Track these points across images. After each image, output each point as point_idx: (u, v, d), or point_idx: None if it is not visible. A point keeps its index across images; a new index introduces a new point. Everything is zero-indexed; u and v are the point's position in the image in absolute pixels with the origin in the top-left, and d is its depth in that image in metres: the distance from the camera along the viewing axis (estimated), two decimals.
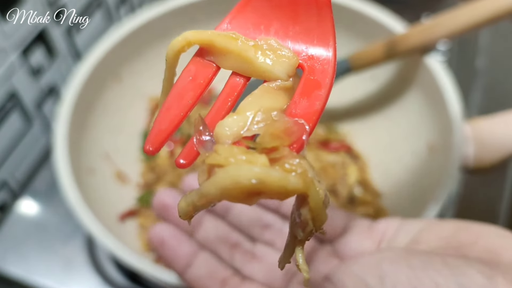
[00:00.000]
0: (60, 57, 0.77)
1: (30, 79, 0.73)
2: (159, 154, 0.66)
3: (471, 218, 0.67)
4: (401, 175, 0.62)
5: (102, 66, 0.62)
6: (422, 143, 0.60)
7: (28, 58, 0.71)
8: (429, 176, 0.57)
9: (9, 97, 0.69)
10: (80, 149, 0.59)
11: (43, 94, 0.76)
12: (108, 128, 0.65)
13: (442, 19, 0.54)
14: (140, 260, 0.47)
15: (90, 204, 0.53)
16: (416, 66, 0.60)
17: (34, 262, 0.65)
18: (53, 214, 0.70)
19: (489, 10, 0.51)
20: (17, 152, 0.75)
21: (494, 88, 0.82)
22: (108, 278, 0.63)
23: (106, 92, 0.65)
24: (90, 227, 0.49)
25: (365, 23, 0.64)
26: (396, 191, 0.62)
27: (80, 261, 0.65)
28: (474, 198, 0.70)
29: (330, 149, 0.65)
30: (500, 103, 0.80)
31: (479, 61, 0.86)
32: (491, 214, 0.68)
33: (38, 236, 0.68)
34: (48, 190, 0.72)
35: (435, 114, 0.58)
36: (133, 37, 0.65)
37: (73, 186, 0.52)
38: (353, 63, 0.59)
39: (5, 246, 0.67)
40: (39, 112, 0.77)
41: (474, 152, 0.53)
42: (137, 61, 0.68)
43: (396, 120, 0.65)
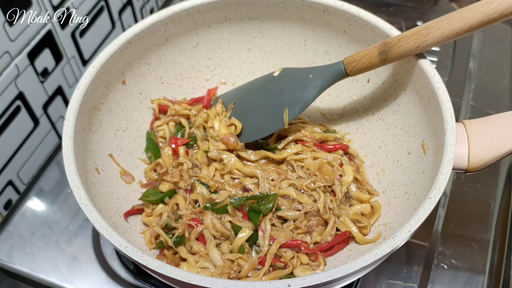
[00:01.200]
0: (65, 59, 0.78)
1: (35, 80, 0.74)
2: (162, 154, 0.67)
3: (464, 217, 0.69)
4: (395, 174, 0.63)
5: (107, 70, 0.63)
6: (416, 144, 0.61)
7: (34, 60, 0.72)
8: (423, 175, 0.57)
9: (15, 98, 0.70)
10: (86, 149, 0.60)
11: (49, 96, 0.77)
12: (113, 129, 0.67)
13: (435, 23, 0.55)
14: (144, 256, 0.47)
15: (96, 202, 0.54)
16: (410, 69, 0.61)
17: (40, 259, 0.66)
18: (58, 212, 0.71)
19: (481, 14, 0.52)
20: (24, 151, 0.76)
21: (487, 89, 0.83)
22: (114, 274, 0.65)
23: (111, 95, 0.66)
24: (97, 224, 0.50)
25: (360, 26, 0.65)
26: (391, 190, 0.63)
27: (86, 258, 0.66)
28: (467, 197, 0.71)
29: (327, 149, 0.67)
30: (492, 105, 0.82)
31: (472, 63, 0.87)
32: (484, 213, 0.70)
33: (44, 233, 0.69)
34: (53, 188, 0.73)
35: (428, 115, 0.59)
36: (137, 41, 0.66)
37: (80, 184, 0.52)
38: (348, 67, 0.60)
39: (11, 243, 0.68)
40: (45, 113, 0.78)
41: (467, 152, 0.54)
42: (141, 64, 0.69)
43: (391, 121, 0.67)
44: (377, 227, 0.61)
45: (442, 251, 0.66)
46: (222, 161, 0.65)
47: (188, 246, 0.59)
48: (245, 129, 0.67)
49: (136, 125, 0.70)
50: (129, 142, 0.69)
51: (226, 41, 0.74)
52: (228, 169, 0.64)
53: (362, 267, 0.46)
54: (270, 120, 0.65)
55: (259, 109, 0.67)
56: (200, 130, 0.69)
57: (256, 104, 0.68)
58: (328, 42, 0.71)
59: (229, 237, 0.59)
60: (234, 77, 0.77)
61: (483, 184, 0.72)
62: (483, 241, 0.67)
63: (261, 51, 0.75)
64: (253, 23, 0.73)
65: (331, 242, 0.59)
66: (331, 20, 0.68)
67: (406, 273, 0.65)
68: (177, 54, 0.72)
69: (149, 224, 0.62)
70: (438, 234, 0.68)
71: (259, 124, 0.66)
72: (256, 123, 0.67)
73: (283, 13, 0.70)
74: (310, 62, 0.74)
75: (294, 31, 0.72)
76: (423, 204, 0.49)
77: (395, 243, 0.47)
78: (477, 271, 0.64)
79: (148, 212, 0.63)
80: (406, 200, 0.59)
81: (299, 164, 0.65)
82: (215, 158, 0.65)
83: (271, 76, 0.67)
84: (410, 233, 0.48)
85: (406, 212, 0.57)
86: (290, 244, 0.58)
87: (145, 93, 0.71)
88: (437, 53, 0.87)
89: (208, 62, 0.75)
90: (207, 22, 0.71)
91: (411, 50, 0.56)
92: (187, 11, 0.68)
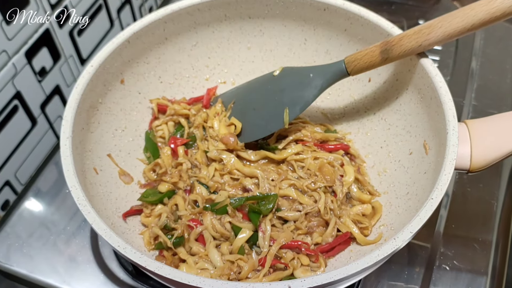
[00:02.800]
0: (63, 58, 0.78)
1: (33, 80, 0.73)
2: (162, 154, 0.67)
3: (466, 218, 0.69)
4: (397, 175, 0.63)
5: (106, 69, 0.63)
6: (418, 144, 0.61)
7: (31, 60, 0.72)
8: (424, 176, 0.57)
9: (13, 98, 0.70)
10: (85, 149, 0.60)
11: (47, 95, 0.77)
12: (111, 128, 0.66)
13: (437, 22, 0.54)
14: (143, 257, 0.47)
15: (94, 202, 0.53)
16: (411, 68, 0.61)
17: (38, 261, 0.66)
18: (56, 213, 0.70)
19: (483, 12, 0.52)
20: (21, 151, 0.76)
21: (489, 89, 0.83)
22: (112, 276, 0.64)
23: (110, 94, 0.66)
24: (95, 225, 0.50)
25: (361, 25, 0.65)
26: (393, 191, 0.62)
27: (84, 259, 0.66)
28: (469, 198, 0.71)
29: (328, 149, 0.66)
30: (495, 104, 0.81)
31: (474, 62, 0.87)
32: (487, 213, 0.69)
33: (41, 234, 0.68)
34: (51, 189, 0.73)
35: (430, 115, 0.59)
36: (135, 40, 0.65)
37: (78, 185, 0.52)
38: (349, 66, 0.60)
39: (9, 244, 0.67)
40: (42, 112, 0.77)
41: (469, 153, 0.53)
42: (140, 63, 0.69)
43: (392, 121, 0.66)
44: (378, 228, 0.60)
45: (444, 252, 0.66)
46: (221, 161, 0.64)
47: (188, 247, 0.59)
48: (245, 129, 0.67)
49: (135, 124, 0.70)
50: (128, 142, 0.68)
51: (225, 40, 0.74)
52: (227, 170, 0.63)
53: (363, 268, 0.45)
54: (270, 120, 0.65)
55: (259, 109, 0.67)
56: (200, 130, 0.68)
57: (256, 103, 0.67)
58: (329, 41, 0.71)
59: (229, 237, 0.58)
60: (234, 76, 0.76)
61: (485, 184, 0.72)
62: (486, 242, 0.67)
63: (261, 50, 0.75)
64: (253, 22, 0.72)
65: (332, 243, 0.59)
66: (332, 19, 0.68)
67: (408, 274, 0.64)
68: (176, 53, 0.72)
69: (148, 225, 0.61)
70: (440, 235, 0.68)
71: (259, 124, 0.66)
72: (256, 122, 0.66)
73: (284, 11, 0.70)
74: (311, 61, 0.73)
75: (295, 30, 0.72)
76: (425, 205, 0.49)
77: (396, 244, 0.47)
78: (480, 273, 0.64)
79: (147, 212, 0.62)
80: (407, 200, 0.58)
81: (299, 164, 0.64)
82: (215, 158, 0.65)
83: (271, 76, 0.67)
84: (411, 234, 0.47)
85: (407, 212, 0.56)
86: (290, 245, 0.57)
87: (144, 92, 0.71)
88: (439, 52, 0.87)
89: (208, 61, 0.75)
90: (207, 20, 0.71)
91: (413, 49, 0.56)
92: (187, 9, 0.67)
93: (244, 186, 0.62)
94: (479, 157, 0.53)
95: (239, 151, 0.65)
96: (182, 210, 0.61)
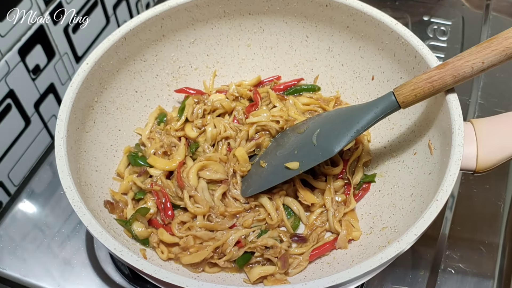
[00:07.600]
0: (57, 55, 0.77)
1: (27, 78, 0.73)
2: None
3: (472, 220, 0.68)
4: (401, 175, 0.62)
5: (102, 67, 0.62)
6: (422, 143, 0.60)
7: (25, 57, 0.71)
8: (429, 176, 0.57)
9: (6, 97, 0.69)
10: (80, 149, 0.59)
11: (41, 93, 0.76)
12: (107, 128, 0.65)
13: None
14: (140, 260, 0.47)
15: (89, 204, 0.53)
16: (416, 65, 0.60)
17: (31, 264, 0.65)
18: (51, 215, 0.70)
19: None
20: (14, 151, 0.75)
21: (496, 87, 0.82)
22: (108, 279, 0.64)
23: (105, 92, 0.65)
24: (90, 227, 0.49)
25: (364, 21, 0.64)
26: (396, 192, 0.61)
27: (79, 263, 0.65)
28: (475, 199, 0.71)
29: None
30: (502, 103, 0.81)
31: None
32: (493, 215, 0.69)
33: (35, 237, 0.68)
34: (45, 190, 0.72)
35: (435, 114, 0.58)
36: (132, 37, 0.65)
37: (73, 186, 0.51)
38: (400, 98, 0.55)
39: (1, 247, 0.67)
40: (36, 111, 0.77)
41: (475, 153, 0.53)
42: (136, 61, 0.68)
43: (396, 120, 0.66)
44: (380, 231, 0.59)
45: (449, 255, 0.66)
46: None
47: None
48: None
49: (131, 124, 0.69)
50: (125, 142, 0.67)
51: (225, 37, 0.73)
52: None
53: (367, 271, 0.45)
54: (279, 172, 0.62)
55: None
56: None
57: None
58: (331, 38, 0.70)
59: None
60: (233, 74, 0.76)
61: (492, 185, 0.71)
62: (492, 244, 0.66)
63: (261, 47, 0.74)
64: (253, 18, 0.72)
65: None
66: (334, 15, 0.67)
67: (412, 278, 0.64)
68: (174, 50, 0.71)
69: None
70: (445, 237, 0.67)
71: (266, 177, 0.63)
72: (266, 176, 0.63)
73: (284, 7, 0.70)
74: (312, 59, 0.73)
75: (296, 26, 0.71)
76: (429, 206, 0.49)
77: (400, 247, 0.46)
78: (486, 276, 0.64)
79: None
80: (412, 202, 0.58)
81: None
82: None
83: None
84: (416, 236, 0.47)
85: (412, 214, 0.56)
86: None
87: (141, 91, 0.70)
88: (444, 49, 0.87)
89: (206, 58, 0.74)
90: (205, 17, 0.70)
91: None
92: (185, 5, 0.67)
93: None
94: (486, 157, 0.53)
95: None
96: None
